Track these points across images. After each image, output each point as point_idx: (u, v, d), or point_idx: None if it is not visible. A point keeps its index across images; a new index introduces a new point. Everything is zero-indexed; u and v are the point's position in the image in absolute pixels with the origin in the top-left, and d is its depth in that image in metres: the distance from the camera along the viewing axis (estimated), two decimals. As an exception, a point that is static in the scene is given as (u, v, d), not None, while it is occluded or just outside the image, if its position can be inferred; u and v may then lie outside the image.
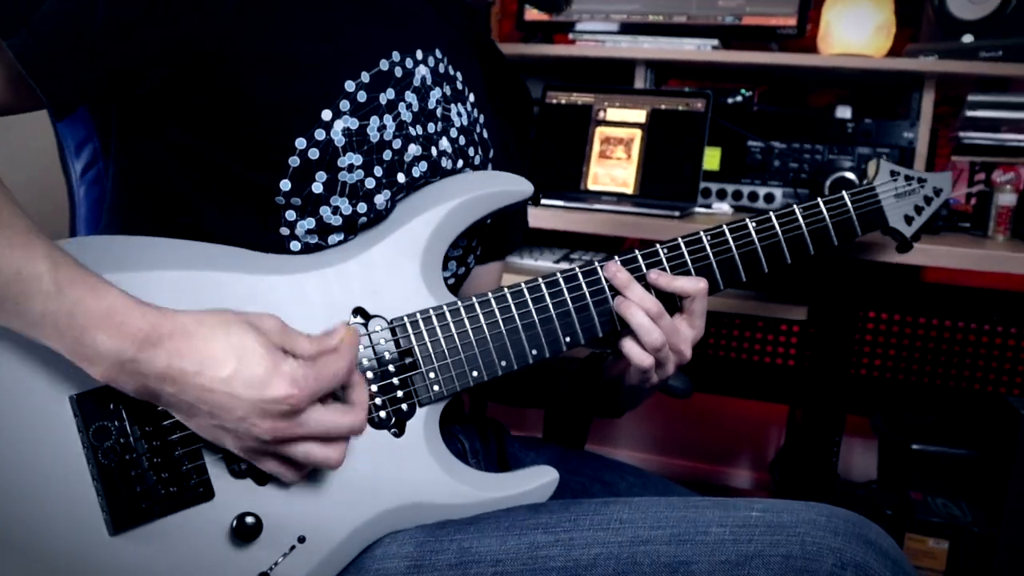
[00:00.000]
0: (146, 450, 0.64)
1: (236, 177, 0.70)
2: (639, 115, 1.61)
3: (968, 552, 1.46)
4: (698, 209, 1.55)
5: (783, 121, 1.70)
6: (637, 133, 1.61)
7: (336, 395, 0.64)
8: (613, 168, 1.62)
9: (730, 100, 1.79)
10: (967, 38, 1.65)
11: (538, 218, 1.42)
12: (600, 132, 1.64)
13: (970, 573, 1.46)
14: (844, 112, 1.72)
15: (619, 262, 0.78)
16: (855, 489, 1.92)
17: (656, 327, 0.76)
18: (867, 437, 2.12)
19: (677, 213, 1.41)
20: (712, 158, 1.71)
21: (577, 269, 0.78)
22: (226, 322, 0.60)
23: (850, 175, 1.48)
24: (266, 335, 0.61)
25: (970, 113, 1.62)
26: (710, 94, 1.57)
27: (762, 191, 1.67)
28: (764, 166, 1.70)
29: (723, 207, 1.62)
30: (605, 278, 0.78)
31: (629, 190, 1.59)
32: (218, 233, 0.71)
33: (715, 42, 1.74)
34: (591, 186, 1.61)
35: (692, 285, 0.78)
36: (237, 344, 0.59)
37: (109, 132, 0.83)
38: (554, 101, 1.68)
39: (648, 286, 0.78)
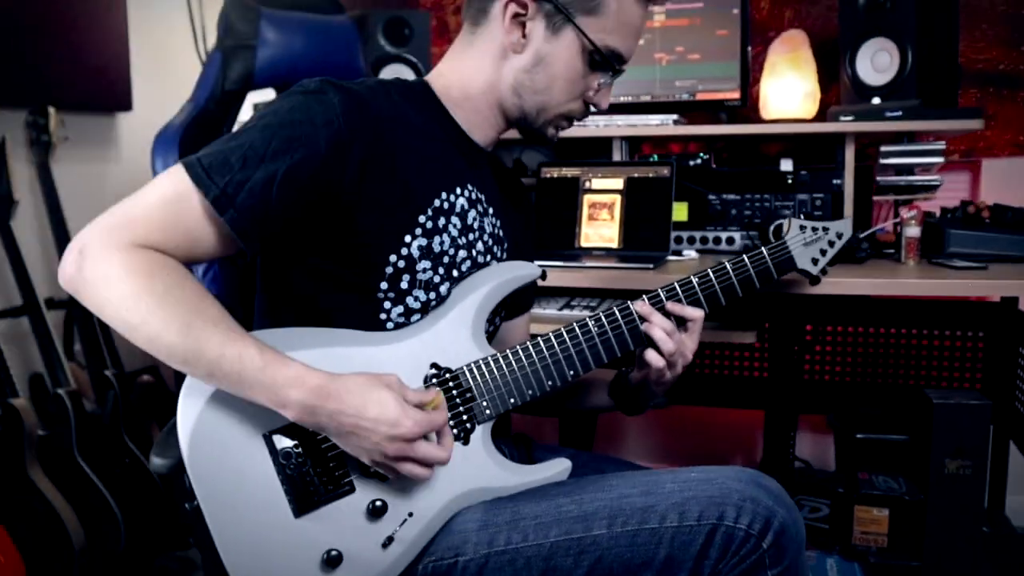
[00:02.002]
0: (311, 464, 1.01)
1: (351, 282, 1.05)
2: (618, 183, 1.98)
3: (905, 517, 1.76)
4: (670, 258, 1.88)
5: (736, 177, 2.07)
6: (617, 197, 1.97)
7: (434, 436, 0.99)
8: (600, 227, 1.98)
9: (691, 163, 2.13)
10: (875, 100, 2.02)
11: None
12: (587, 199, 2.00)
13: (907, 534, 1.76)
14: (787, 165, 2.06)
15: (645, 299, 1.14)
16: (816, 474, 2.28)
17: (670, 339, 1.12)
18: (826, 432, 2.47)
19: (651, 266, 1.73)
20: (680, 211, 2.07)
21: (614, 307, 1.12)
22: (370, 383, 0.95)
23: (785, 222, 1.85)
24: (392, 389, 0.96)
25: (883, 161, 1.97)
26: (673, 162, 1.93)
27: (724, 235, 2.03)
28: (723, 215, 2.07)
29: (691, 253, 1.99)
30: (635, 311, 1.13)
31: (615, 244, 1.95)
32: (339, 321, 1.06)
33: (675, 116, 2.11)
34: (583, 244, 1.97)
35: (694, 312, 1.15)
36: (377, 398, 0.94)
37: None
38: (548, 175, 2.04)
39: (666, 313, 1.13)
